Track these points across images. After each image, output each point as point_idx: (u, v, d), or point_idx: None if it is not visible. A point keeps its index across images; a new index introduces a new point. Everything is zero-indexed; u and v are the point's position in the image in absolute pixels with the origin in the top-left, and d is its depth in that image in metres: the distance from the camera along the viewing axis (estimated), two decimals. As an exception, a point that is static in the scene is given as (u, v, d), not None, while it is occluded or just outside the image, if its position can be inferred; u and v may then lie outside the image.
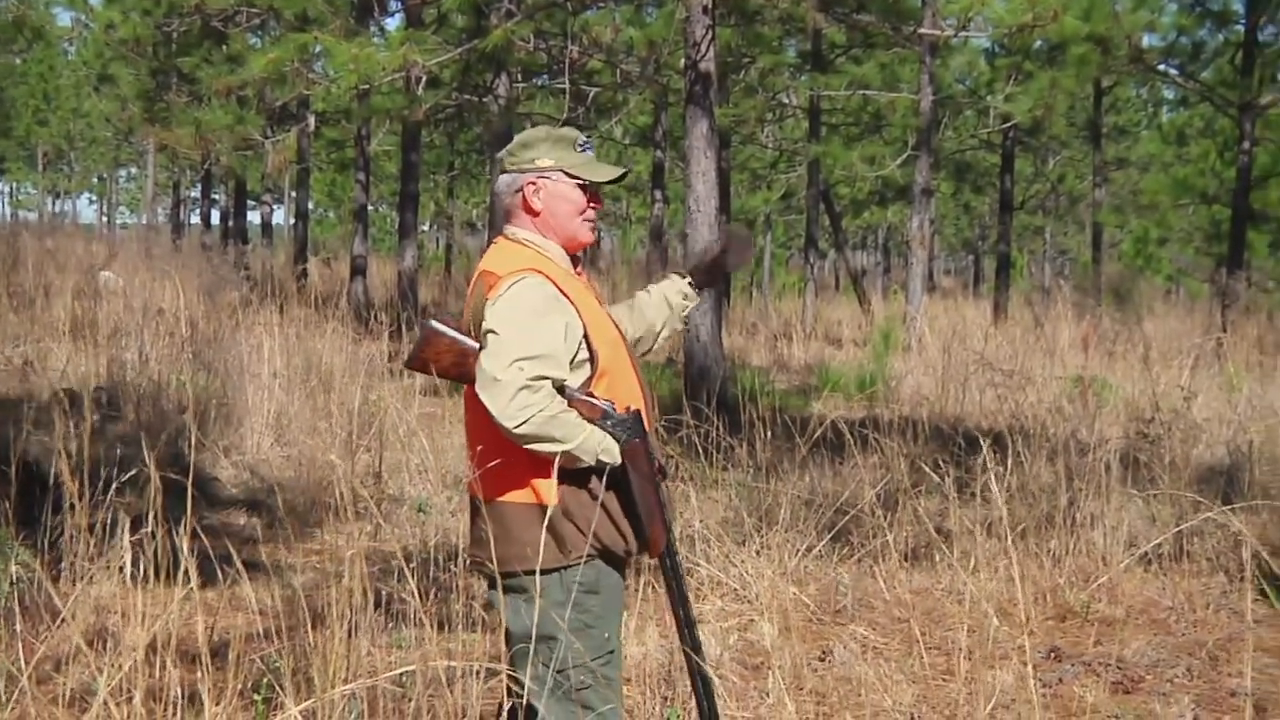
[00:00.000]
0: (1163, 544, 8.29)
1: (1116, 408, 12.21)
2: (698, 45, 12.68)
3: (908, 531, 8.46)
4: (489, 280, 4.07)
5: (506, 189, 4.22)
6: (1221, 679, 6.54)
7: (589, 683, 4.03)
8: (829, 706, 5.79)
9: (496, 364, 3.91)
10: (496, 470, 4.04)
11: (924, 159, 21.81)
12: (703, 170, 12.64)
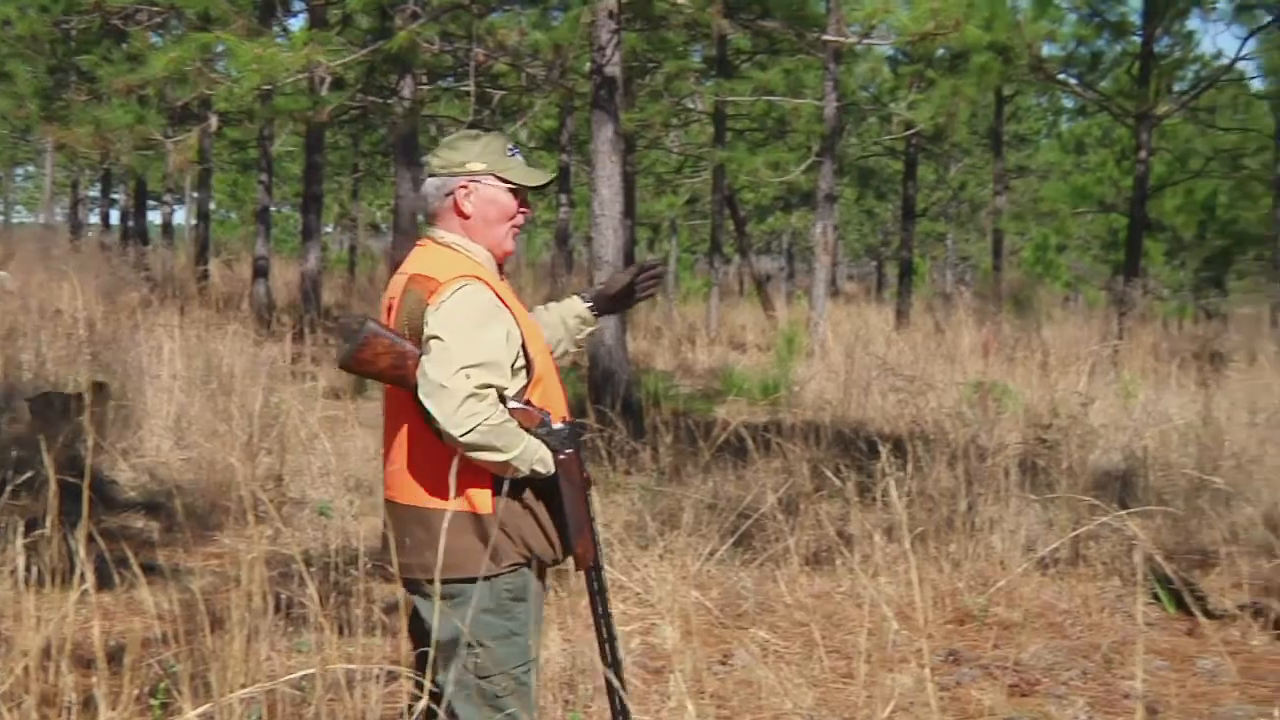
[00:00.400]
0: (1060, 548, 8.39)
1: (1016, 413, 12.33)
2: (603, 49, 12.69)
3: (809, 535, 8.51)
4: (428, 285, 4.01)
5: (436, 192, 4.18)
6: (1115, 681, 6.63)
7: (509, 690, 4.04)
8: (730, 709, 5.81)
9: (443, 371, 3.88)
10: (428, 477, 4.02)
11: (828, 165, 21.95)
12: (608, 175, 12.64)
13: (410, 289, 4.06)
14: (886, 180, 39.51)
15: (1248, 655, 7.24)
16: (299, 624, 5.95)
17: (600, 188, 12.67)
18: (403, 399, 4.03)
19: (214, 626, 4.93)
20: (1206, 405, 12.25)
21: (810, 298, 22.34)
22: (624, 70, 14.17)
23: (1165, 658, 7.15)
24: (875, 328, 22.13)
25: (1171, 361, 16.35)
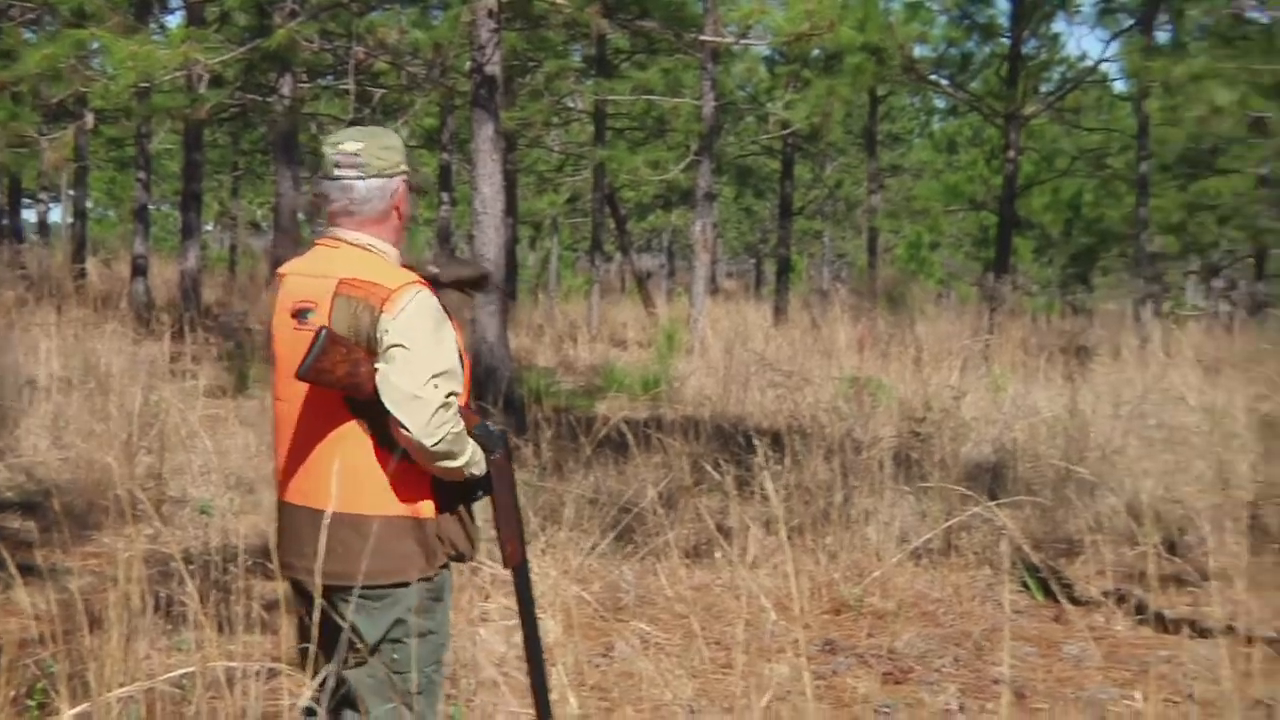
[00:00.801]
0: (932, 539, 8.49)
1: (890, 407, 12.45)
2: (483, 49, 12.63)
3: (689, 529, 8.54)
4: (375, 292, 3.91)
5: (380, 193, 4.06)
6: (985, 667, 6.71)
7: (421, 687, 4.03)
8: (610, 701, 5.82)
9: (414, 380, 3.84)
10: (368, 485, 3.95)
11: (706, 164, 22.03)
12: (489, 173, 12.60)
13: (347, 295, 3.93)
14: (764, 179, 39.69)
15: (1111, 640, 7.38)
16: (179, 622, 5.88)
17: (481, 186, 12.62)
18: (335, 405, 3.95)
19: (92, 626, 4.86)
20: (1073, 398, 12.42)
21: (690, 295, 22.44)
22: (504, 69, 14.12)
23: (1033, 644, 7.27)
24: (754, 324, 22.27)
25: (1040, 356, 16.60)
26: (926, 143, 44.78)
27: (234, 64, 17.86)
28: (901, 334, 18.25)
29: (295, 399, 4.03)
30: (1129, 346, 17.00)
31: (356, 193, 4.03)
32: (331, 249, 4.07)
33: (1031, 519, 9.60)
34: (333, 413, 3.96)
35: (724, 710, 5.45)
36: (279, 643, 5.86)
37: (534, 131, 27.13)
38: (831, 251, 50.42)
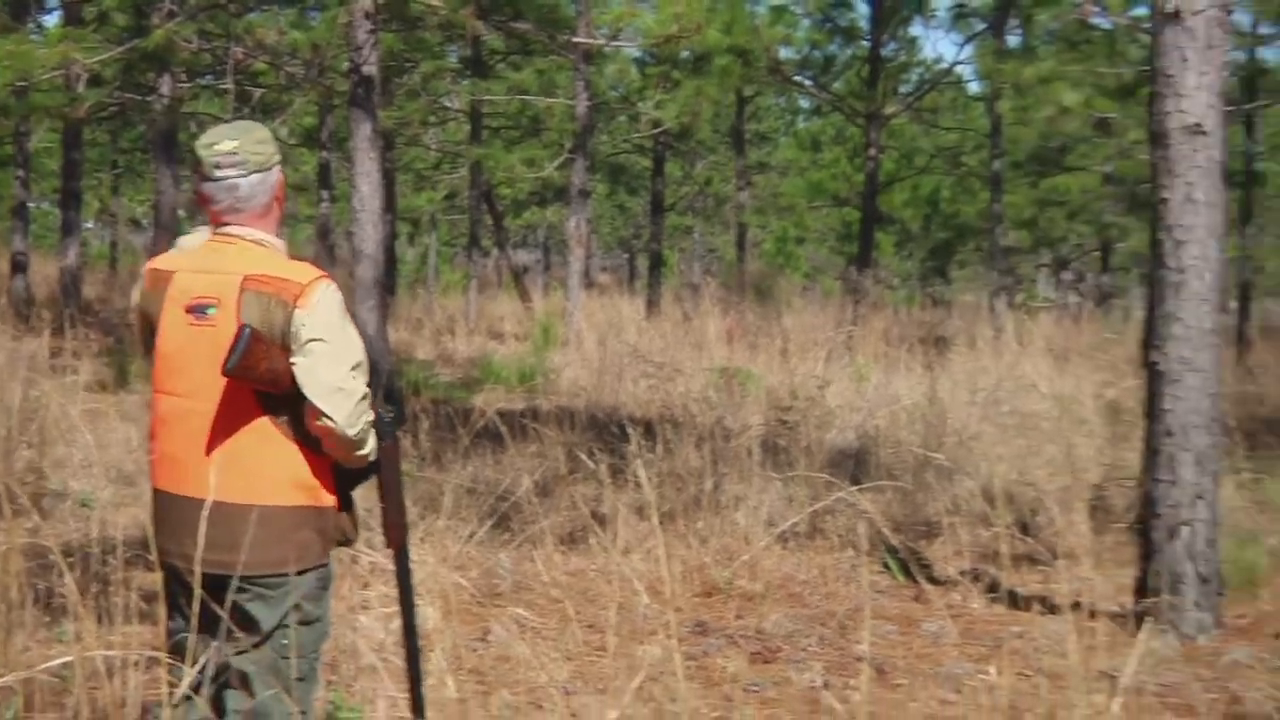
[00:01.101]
0: (799, 523, 8.54)
1: (758, 396, 12.54)
2: (360, 49, 12.54)
3: (564, 516, 8.56)
4: (285, 287, 3.89)
5: (260, 185, 4.03)
6: (848, 646, 6.78)
7: (306, 672, 4.06)
8: (487, 684, 5.82)
9: (337, 373, 3.87)
10: (275, 476, 3.95)
11: (580, 162, 22.02)
12: (367, 171, 12.51)
13: (256, 290, 3.89)
14: (636, 176, 39.74)
15: (968, 618, 7.48)
16: (58, 614, 5.78)
17: (360, 184, 12.53)
18: (246, 399, 3.92)
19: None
20: (931, 386, 12.57)
21: (565, 289, 22.40)
22: (381, 69, 14.02)
23: (894, 622, 7.35)
24: (627, 317, 22.26)
25: (900, 346, 16.78)
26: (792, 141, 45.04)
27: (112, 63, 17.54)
28: (769, 326, 18.36)
29: (196, 393, 3.96)
30: (984, 336, 17.24)
31: (241, 190, 4.00)
32: (226, 244, 4.01)
33: (893, 503, 9.72)
34: (243, 406, 3.92)
35: (598, 691, 5.46)
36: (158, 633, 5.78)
37: (411, 130, 26.95)
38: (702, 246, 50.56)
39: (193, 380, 3.94)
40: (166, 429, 4.06)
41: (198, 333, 3.92)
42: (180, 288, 3.99)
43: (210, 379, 3.87)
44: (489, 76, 26.43)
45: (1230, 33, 8.58)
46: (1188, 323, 7.09)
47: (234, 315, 3.86)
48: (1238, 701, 6.02)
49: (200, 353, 3.89)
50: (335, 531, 4.08)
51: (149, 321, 4.09)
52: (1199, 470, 7.11)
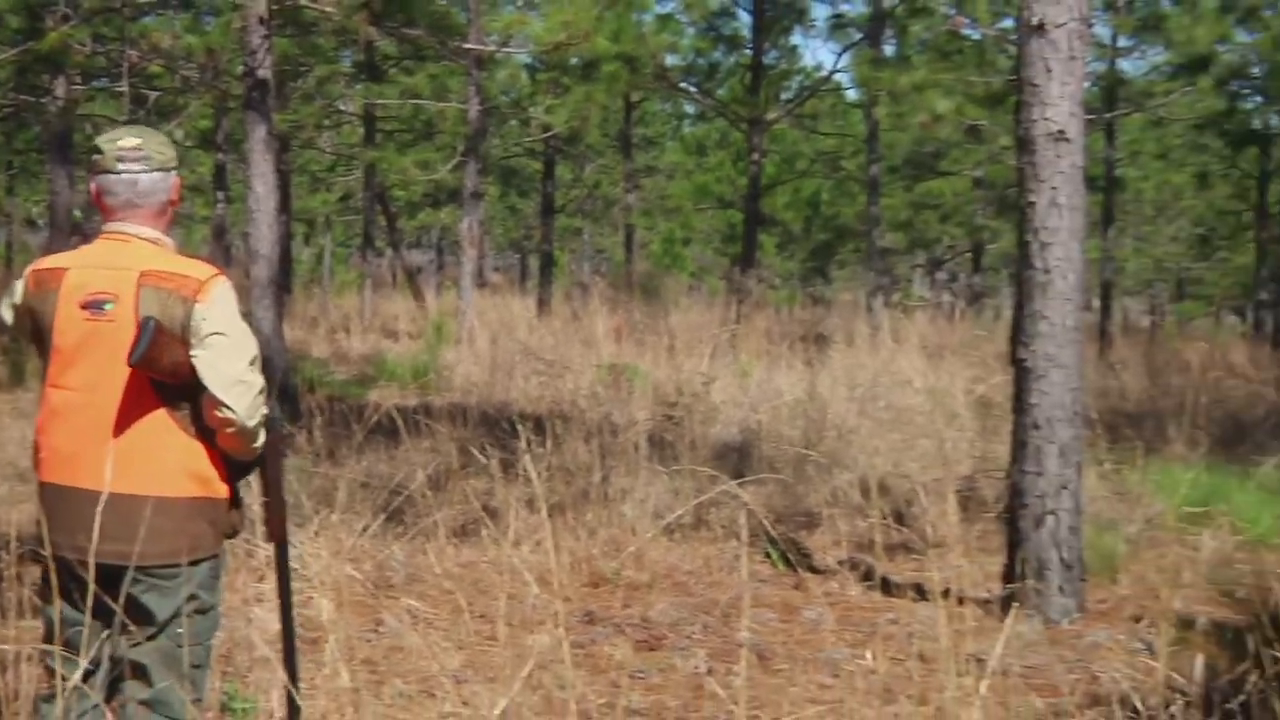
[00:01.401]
0: (684, 515, 8.58)
1: (645, 392, 12.54)
2: (255, 54, 12.40)
3: (457, 510, 8.51)
4: (183, 283, 3.90)
5: (161, 184, 4.04)
6: (731, 633, 6.80)
7: (201, 660, 4.07)
8: (380, 674, 5.78)
9: (238, 366, 3.88)
10: (175, 468, 3.94)
11: (473, 165, 21.94)
12: (262, 173, 12.39)
13: (155, 286, 3.89)
14: (527, 179, 39.64)
15: (845, 604, 7.54)
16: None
17: (255, 185, 12.41)
18: (145, 391, 3.90)
19: None
20: (812, 382, 12.67)
21: (459, 288, 22.33)
22: (276, 73, 13.88)
23: (775, 610, 7.38)
24: (519, 316, 22.25)
25: (782, 344, 16.89)
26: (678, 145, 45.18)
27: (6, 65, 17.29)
28: (656, 324, 18.39)
29: (94, 387, 3.92)
30: (862, 334, 17.38)
31: (141, 185, 4.00)
32: (121, 243, 4.00)
33: (774, 495, 9.76)
34: (142, 399, 3.90)
35: (489, 680, 5.44)
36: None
37: (306, 133, 26.70)
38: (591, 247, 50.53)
39: (89, 374, 3.91)
40: (60, 422, 4.00)
41: (94, 327, 3.89)
42: (74, 284, 3.94)
43: (108, 372, 3.86)
44: (383, 81, 26.24)
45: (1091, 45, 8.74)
46: (1053, 321, 7.19)
47: (132, 310, 3.85)
48: (1096, 681, 6.13)
49: (98, 347, 3.88)
50: (225, 524, 4.08)
51: (36, 320, 4.03)
52: (1063, 461, 7.22)
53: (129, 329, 3.81)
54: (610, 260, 48.61)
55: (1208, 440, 11.57)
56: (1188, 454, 10.72)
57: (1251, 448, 11.75)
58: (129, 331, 3.80)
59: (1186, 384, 14.29)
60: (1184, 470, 9.90)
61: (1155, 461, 10.42)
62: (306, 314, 26.23)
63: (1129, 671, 6.25)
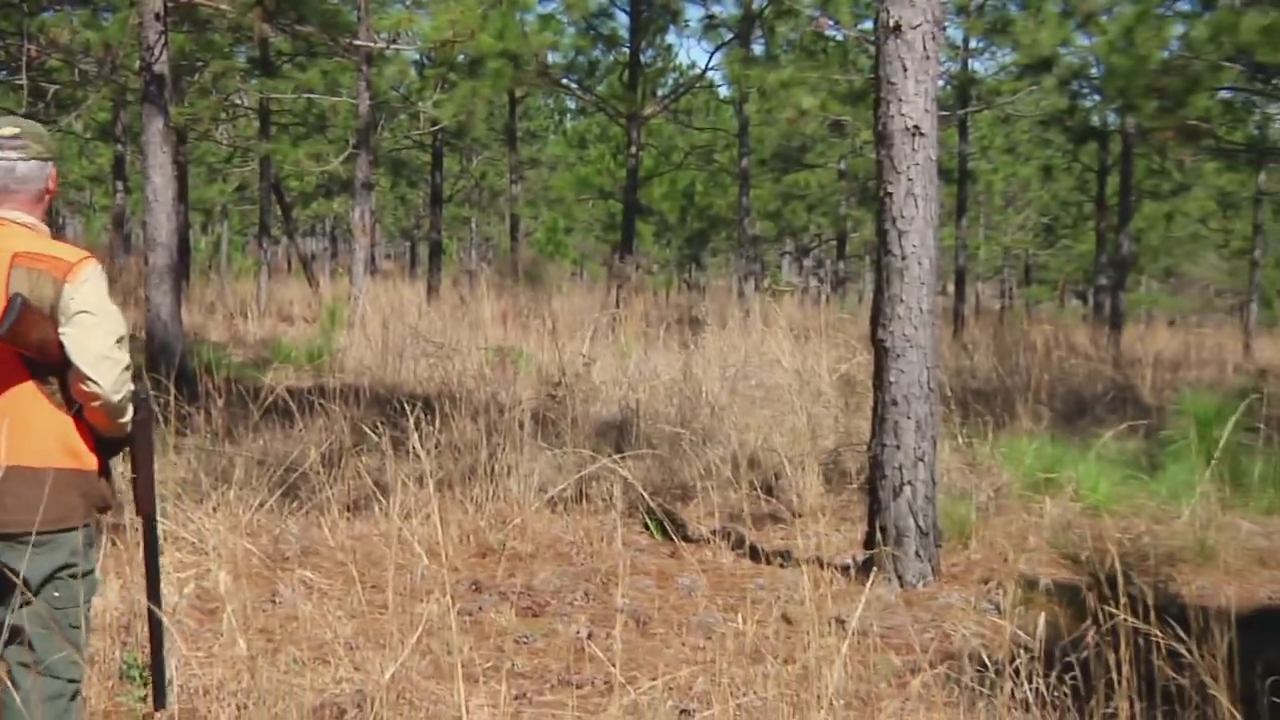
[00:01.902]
0: (566, 489, 8.57)
1: (530, 373, 12.52)
2: (151, 49, 12.18)
3: (350, 485, 8.44)
4: (55, 264, 3.89)
5: (39, 173, 4.05)
6: (610, 599, 6.81)
7: (78, 622, 4.04)
8: (275, 642, 5.72)
9: (105, 343, 3.88)
10: (45, 440, 3.93)
11: (364, 157, 21.70)
12: (160, 164, 12.19)
13: (27, 266, 3.87)
14: (416, 170, 39.33)
15: (717, 572, 7.59)
16: None
17: (153, 176, 12.20)
18: (14, 366, 3.90)
19: None
20: (687, 363, 12.70)
21: (351, 275, 22.04)
22: (173, 68, 13.64)
23: (652, 577, 7.40)
24: (409, 301, 22.03)
25: (659, 326, 16.89)
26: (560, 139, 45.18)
27: (-96, 59, 16.80)
28: (540, 308, 18.34)
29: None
30: (734, 317, 17.42)
31: (19, 172, 4.00)
32: (6, 227, 3.97)
33: (651, 469, 9.79)
34: (11, 374, 3.90)
35: (379, 646, 5.41)
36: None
37: (203, 126, 26.25)
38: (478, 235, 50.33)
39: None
40: None
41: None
42: None
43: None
44: (276, 76, 25.88)
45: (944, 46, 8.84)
46: (909, 304, 7.28)
47: (2, 288, 3.84)
48: (949, 639, 6.24)
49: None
50: (96, 495, 4.05)
51: None
52: (919, 435, 7.32)
53: None
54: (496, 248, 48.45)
55: (1051, 415, 11.80)
56: (1033, 428, 10.90)
57: (1091, 421, 11.99)
58: None
59: (1032, 363, 14.51)
60: (1030, 443, 10.06)
61: (1004, 435, 10.59)
62: (205, 299, 25.81)
63: (979, 630, 6.38)
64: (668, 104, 27.75)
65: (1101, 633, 4.41)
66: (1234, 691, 3.87)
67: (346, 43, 19.47)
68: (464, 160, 41.18)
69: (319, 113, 28.00)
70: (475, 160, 41.28)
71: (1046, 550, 7.95)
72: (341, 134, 28.39)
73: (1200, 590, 7.25)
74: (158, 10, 12.15)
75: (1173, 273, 44.97)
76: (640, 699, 4.90)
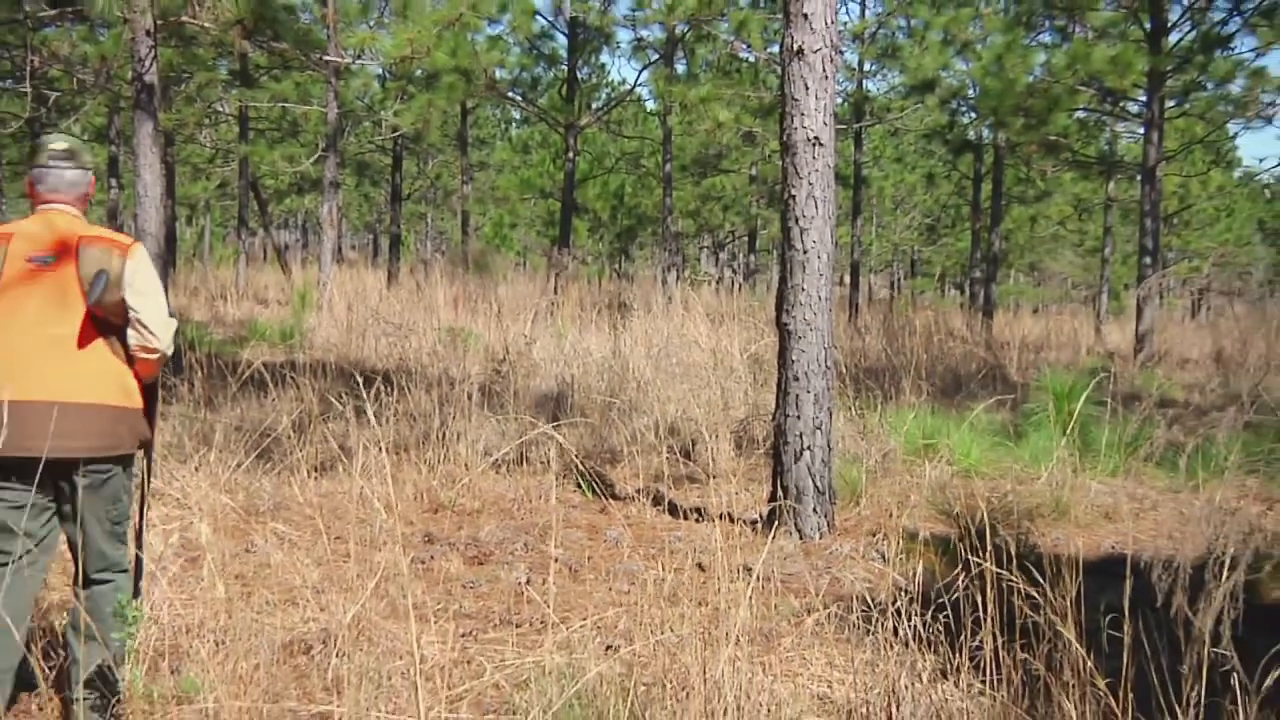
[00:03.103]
0: (509, 453, 8.58)
1: (478, 351, 12.48)
2: (143, 61, 11.99)
3: (317, 449, 8.39)
4: (114, 244, 4.27)
5: (82, 179, 4.39)
6: (547, 549, 6.81)
7: (125, 529, 4.35)
8: (250, 586, 5.68)
9: (164, 308, 4.32)
10: (118, 386, 4.24)
11: (332, 159, 21.47)
12: (149, 164, 12.00)
13: (92, 245, 4.23)
14: (379, 171, 38.90)
15: (641, 526, 7.59)
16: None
17: (143, 174, 12.01)
18: (89, 326, 4.19)
19: None
20: (616, 343, 12.70)
21: (320, 263, 21.82)
22: (161, 79, 13.43)
23: (583, 530, 7.41)
24: (371, 287, 21.88)
25: (592, 311, 16.88)
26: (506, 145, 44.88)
27: (-82, 68, 16.45)
28: (487, 294, 18.26)
29: (43, 321, 4.14)
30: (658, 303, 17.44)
31: (68, 178, 4.36)
32: (56, 215, 4.31)
33: (584, 436, 9.80)
34: (86, 330, 4.19)
35: (342, 590, 5.39)
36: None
37: (188, 130, 25.88)
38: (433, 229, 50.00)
39: (34, 311, 4.14)
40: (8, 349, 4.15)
41: (37, 274, 4.17)
42: (22, 246, 4.20)
43: (51, 309, 4.15)
44: (254, 86, 25.49)
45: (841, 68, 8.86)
46: (810, 292, 7.32)
47: (73, 263, 4.19)
48: (840, 584, 6.29)
49: (44, 291, 4.16)
50: (139, 430, 4.33)
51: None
52: (817, 407, 7.37)
53: (69, 278, 4.17)
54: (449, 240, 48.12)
55: (931, 390, 11.91)
56: (916, 401, 10.99)
57: (965, 396, 12.13)
58: (71, 279, 4.17)
59: (916, 345, 14.64)
60: (912, 414, 10.15)
61: (890, 407, 10.67)
62: (189, 284, 25.49)
63: (866, 576, 6.44)
64: (601, 116, 27.67)
65: (970, 578, 4.46)
66: (1079, 627, 3.94)
67: (317, 58, 19.27)
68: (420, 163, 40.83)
69: (292, 119, 27.68)
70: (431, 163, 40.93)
71: (925, 507, 8.03)
72: (312, 138, 28.11)
73: (1054, 541, 7.36)
74: (148, 27, 11.96)
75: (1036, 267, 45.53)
76: (572, 636, 4.91)
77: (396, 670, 4.60)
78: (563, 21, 24.27)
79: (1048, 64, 17.54)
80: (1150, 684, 3.86)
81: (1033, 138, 18.33)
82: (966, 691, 4.27)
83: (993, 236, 25.59)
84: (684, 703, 4.04)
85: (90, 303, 4.14)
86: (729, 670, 4.05)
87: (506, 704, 4.55)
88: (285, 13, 16.65)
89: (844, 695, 4.61)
